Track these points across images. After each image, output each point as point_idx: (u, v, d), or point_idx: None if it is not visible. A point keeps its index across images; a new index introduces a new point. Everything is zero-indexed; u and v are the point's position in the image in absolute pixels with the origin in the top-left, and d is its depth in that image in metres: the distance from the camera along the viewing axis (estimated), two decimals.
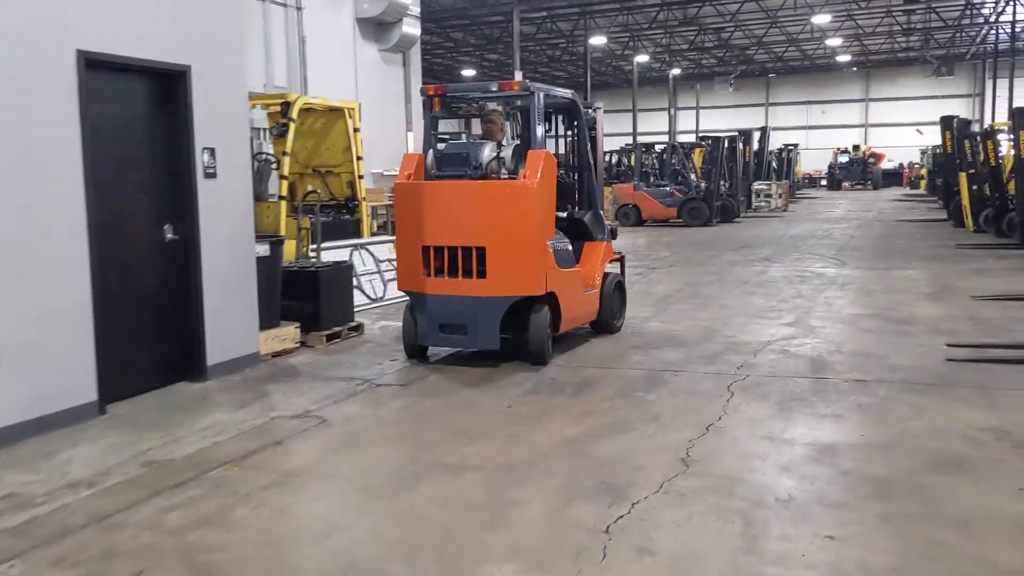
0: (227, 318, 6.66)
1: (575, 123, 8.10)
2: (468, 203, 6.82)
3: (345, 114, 10.36)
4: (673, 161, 25.07)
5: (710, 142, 24.09)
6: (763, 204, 27.50)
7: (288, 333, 7.46)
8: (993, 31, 37.70)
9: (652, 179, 24.37)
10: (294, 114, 9.31)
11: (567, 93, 7.87)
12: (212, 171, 6.48)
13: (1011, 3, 32.32)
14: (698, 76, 49.57)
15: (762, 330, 8.16)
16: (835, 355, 7.05)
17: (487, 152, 6.97)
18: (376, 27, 20.74)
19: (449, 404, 5.84)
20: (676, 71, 45.76)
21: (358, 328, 8.29)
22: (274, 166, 9.66)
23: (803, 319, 8.70)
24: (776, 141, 37.88)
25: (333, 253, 9.62)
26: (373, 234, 18.21)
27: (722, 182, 23.08)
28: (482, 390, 6.20)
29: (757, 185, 28.03)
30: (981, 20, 36.35)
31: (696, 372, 6.57)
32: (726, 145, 23.42)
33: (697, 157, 26.98)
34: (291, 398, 6.05)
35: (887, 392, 5.88)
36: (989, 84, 40.57)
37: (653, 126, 48.18)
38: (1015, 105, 34.14)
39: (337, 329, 7.93)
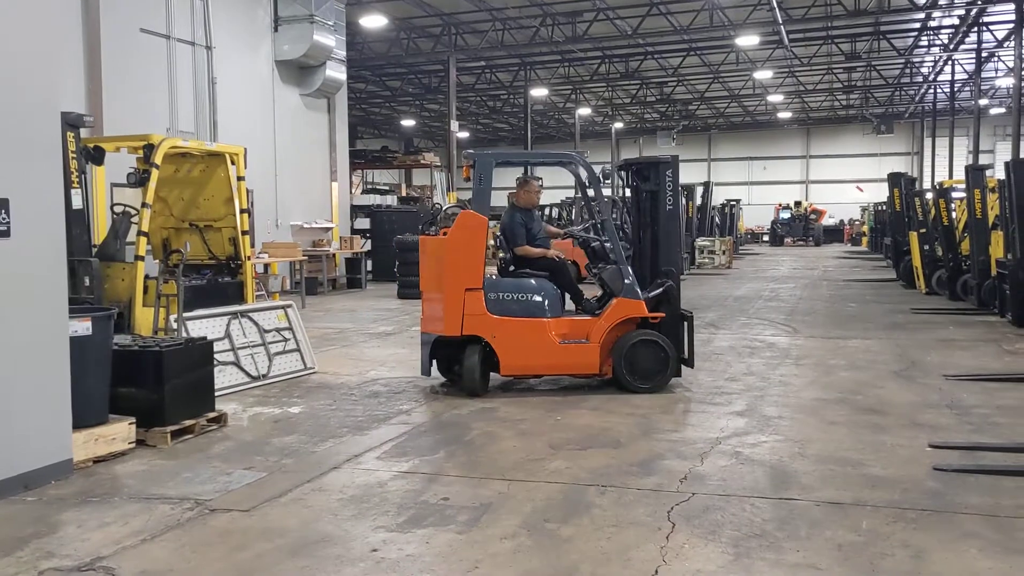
0: (21, 418, 5.10)
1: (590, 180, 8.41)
2: (419, 255, 8.19)
3: (227, 160, 8.91)
4: (614, 216, 23.92)
5: None
6: (707, 261, 26.54)
7: (118, 431, 5.89)
8: (931, 90, 37.83)
9: (592, 234, 23.19)
10: (158, 159, 7.84)
11: (552, 153, 9.49)
12: (3, 228, 4.98)
13: (949, 63, 32.34)
14: (641, 130, 49.24)
15: (709, 422, 6.83)
16: (799, 461, 5.72)
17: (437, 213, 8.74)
18: (298, 70, 19.44)
19: (292, 546, 4.33)
20: (619, 125, 45.28)
21: (220, 419, 6.75)
22: (134, 219, 8.17)
23: (757, 406, 7.40)
24: (718, 196, 37.28)
25: (206, 323, 8.11)
26: (286, 294, 16.68)
27: None
28: (347, 518, 4.71)
29: (700, 241, 27.11)
30: (920, 79, 36.41)
31: (628, 488, 5.17)
32: None
33: None
34: (88, 532, 4.50)
35: (871, 523, 4.54)
36: (927, 142, 40.67)
37: None
38: (954, 163, 34.24)
39: (188, 423, 6.38)
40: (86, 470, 5.57)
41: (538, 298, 7.88)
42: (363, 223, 23.26)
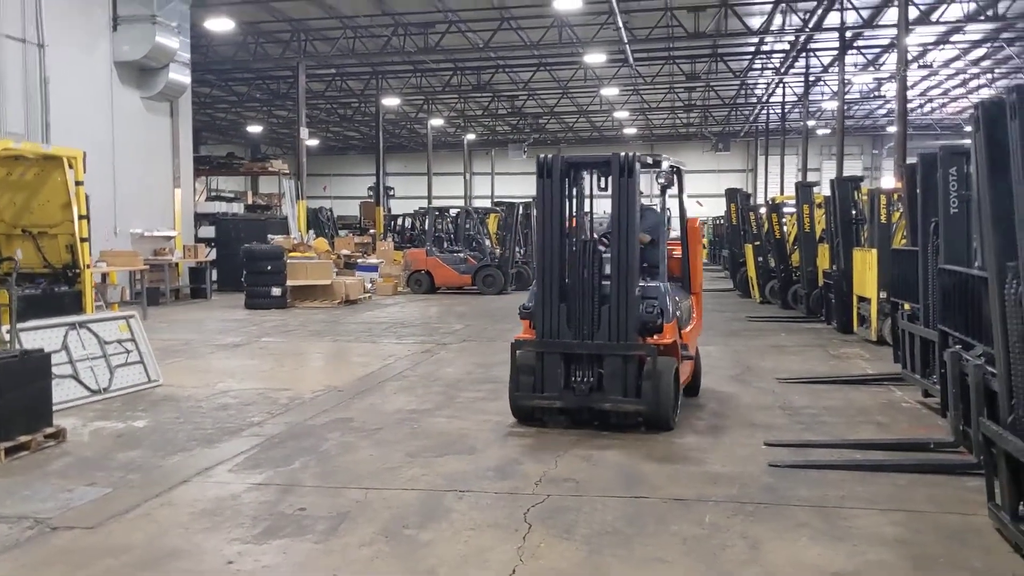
0: None
1: None
2: None
3: (64, 164, 8.48)
4: (467, 226, 24.14)
5: (504, 208, 23.42)
6: None
7: None
8: (764, 111, 40.11)
9: (446, 244, 23.33)
10: None
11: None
12: None
13: (780, 86, 34.41)
14: (493, 142, 49.87)
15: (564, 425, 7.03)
16: (647, 462, 5.98)
17: None
18: (139, 72, 18.62)
19: (140, 562, 4.18)
20: (471, 136, 45.70)
21: (59, 434, 6.43)
22: None
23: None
24: None
25: (42, 335, 7.68)
26: (126, 304, 15.91)
27: (517, 248, 22.37)
28: (198, 531, 4.60)
29: None
30: (754, 100, 38.52)
31: (486, 492, 5.28)
32: (521, 211, 22.80)
33: (492, 223, 26.28)
34: None
35: (713, 517, 4.82)
36: (761, 160, 43.09)
37: (449, 190, 47.73)
38: (785, 180, 36.43)
39: (24, 439, 6.05)
40: None
41: None
42: (208, 231, 22.52)
